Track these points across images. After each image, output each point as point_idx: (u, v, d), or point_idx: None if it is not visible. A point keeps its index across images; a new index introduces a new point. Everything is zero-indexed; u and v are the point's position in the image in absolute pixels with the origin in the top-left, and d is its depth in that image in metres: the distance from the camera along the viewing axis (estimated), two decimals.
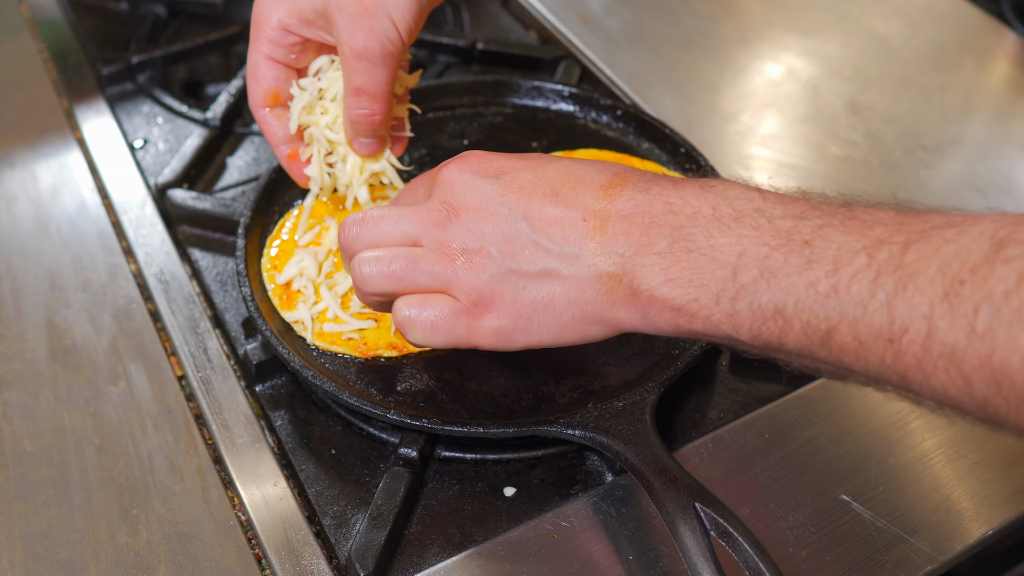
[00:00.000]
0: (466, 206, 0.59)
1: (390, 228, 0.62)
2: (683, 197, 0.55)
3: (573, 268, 0.57)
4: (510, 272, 0.58)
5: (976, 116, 1.05)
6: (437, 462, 0.72)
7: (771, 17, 1.19)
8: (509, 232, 0.58)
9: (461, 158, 0.62)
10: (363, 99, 0.70)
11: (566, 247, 0.57)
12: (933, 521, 0.68)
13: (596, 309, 0.57)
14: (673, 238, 0.53)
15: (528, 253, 0.58)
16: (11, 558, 0.65)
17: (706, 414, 0.76)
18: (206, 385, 0.76)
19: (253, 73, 0.74)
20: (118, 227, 0.89)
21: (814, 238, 0.49)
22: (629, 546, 0.66)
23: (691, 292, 0.52)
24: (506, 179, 0.60)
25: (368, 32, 0.67)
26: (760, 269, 0.50)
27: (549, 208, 0.58)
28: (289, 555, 0.65)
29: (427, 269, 0.60)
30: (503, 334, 0.60)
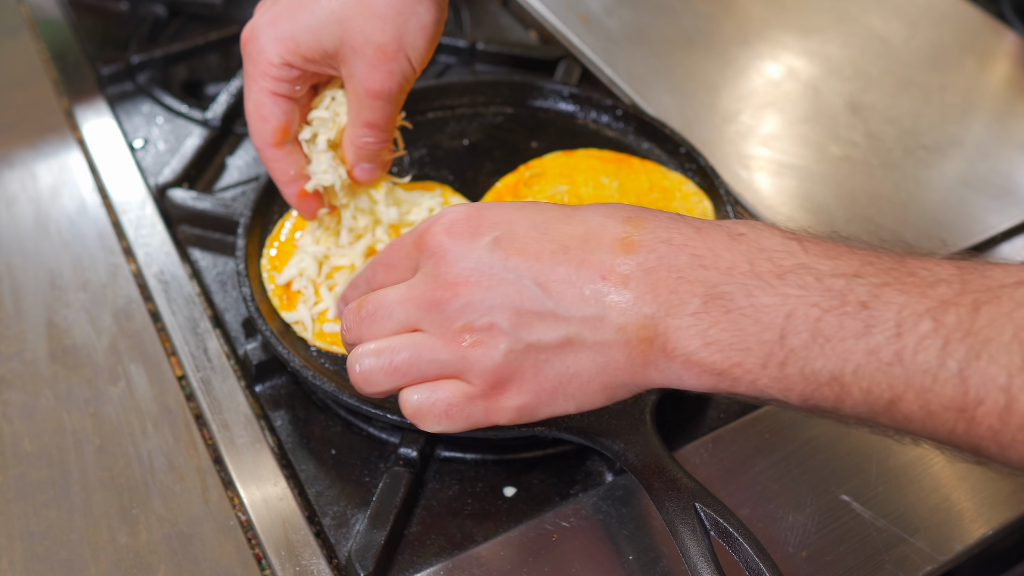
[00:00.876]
0: (465, 279, 0.53)
1: (386, 319, 0.56)
2: (712, 249, 0.50)
3: (599, 334, 0.51)
4: (527, 348, 0.52)
5: (976, 116, 1.05)
6: (437, 462, 0.72)
7: (771, 17, 1.19)
8: (519, 301, 0.52)
9: (445, 219, 0.55)
10: (372, 131, 0.70)
11: (587, 310, 0.51)
12: (933, 521, 0.68)
13: (626, 374, 0.52)
14: (707, 296, 0.49)
15: (545, 323, 0.52)
16: (11, 558, 0.65)
17: (706, 414, 0.76)
18: (206, 385, 0.76)
19: (259, 112, 0.70)
20: (118, 227, 0.89)
21: (871, 300, 0.45)
22: (629, 546, 0.66)
23: (734, 356, 0.48)
24: (503, 238, 0.53)
25: (387, 75, 0.66)
26: (812, 333, 0.46)
27: (561, 268, 0.51)
28: (289, 555, 0.65)
29: (432, 358, 0.54)
30: (525, 410, 0.54)
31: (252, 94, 0.70)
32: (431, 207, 0.85)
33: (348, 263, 0.80)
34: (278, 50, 0.67)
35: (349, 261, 0.80)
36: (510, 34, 1.18)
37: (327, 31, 0.66)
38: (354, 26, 0.65)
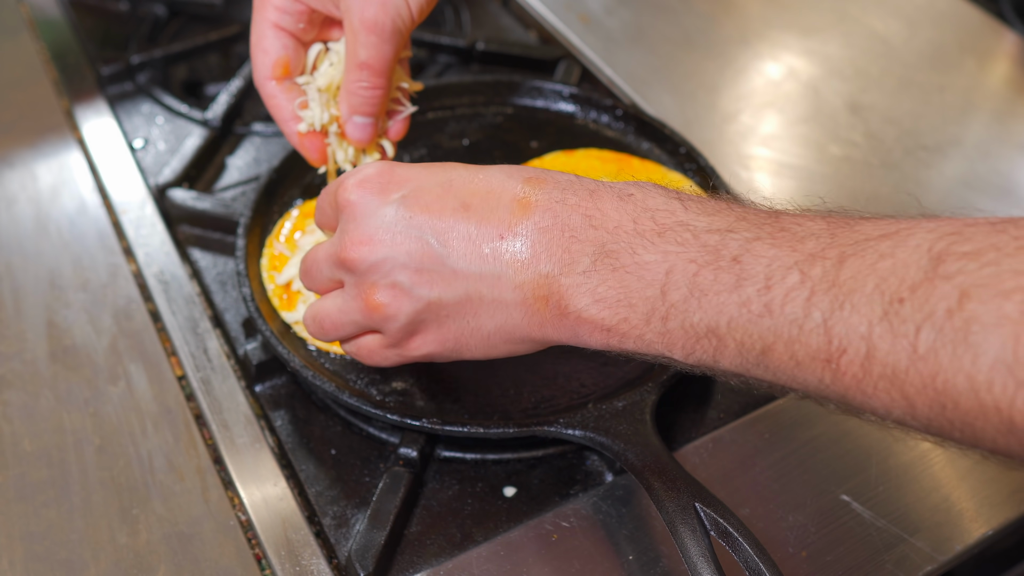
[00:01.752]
0: (370, 237, 0.56)
1: (317, 275, 0.62)
2: (601, 209, 0.52)
3: (496, 291, 0.54)
4: (429, 305, 0.55)
5: (976, 116, 1.05)
6: (437, 462, 0.72)
7: (771, 17, 1.19)
8: (422, 258, 0.55)
9: (358, 175, 0.58)
10: (366, 73, 0.68)
11: (485, 268, 0.53)
12: (933, 521, 0.68)
13: (524, 331, 0.55)
14: (596, 255, 0.51)
15: (446, 280, 0.54)
16: (11, 558, 0.65)
17: (706, 414, 0.76)
18: (206, 385, 0.76)
19: (259, 43, 0.71)
20: (118, 227, 0.89)
21: (743, 254, 0.47)
22: (629, 546, 0.66)
23: (620, 312, 0.51)
24: (410, 196, 0.55)
25: (380, 7, 0.65)
26: (690, 288, 0.48)
27: (462, 225, 0.54)
28: (289, 555, 0.65)
29: (349, 319, 0.59)
30: (434, 356, 0.59)
31: (256, 26, 0.70)
32: None
33: None
34: None
35: None
36: (510, 34, 1.18)
37: None
38: None
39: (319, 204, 0.64)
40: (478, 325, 0.56)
